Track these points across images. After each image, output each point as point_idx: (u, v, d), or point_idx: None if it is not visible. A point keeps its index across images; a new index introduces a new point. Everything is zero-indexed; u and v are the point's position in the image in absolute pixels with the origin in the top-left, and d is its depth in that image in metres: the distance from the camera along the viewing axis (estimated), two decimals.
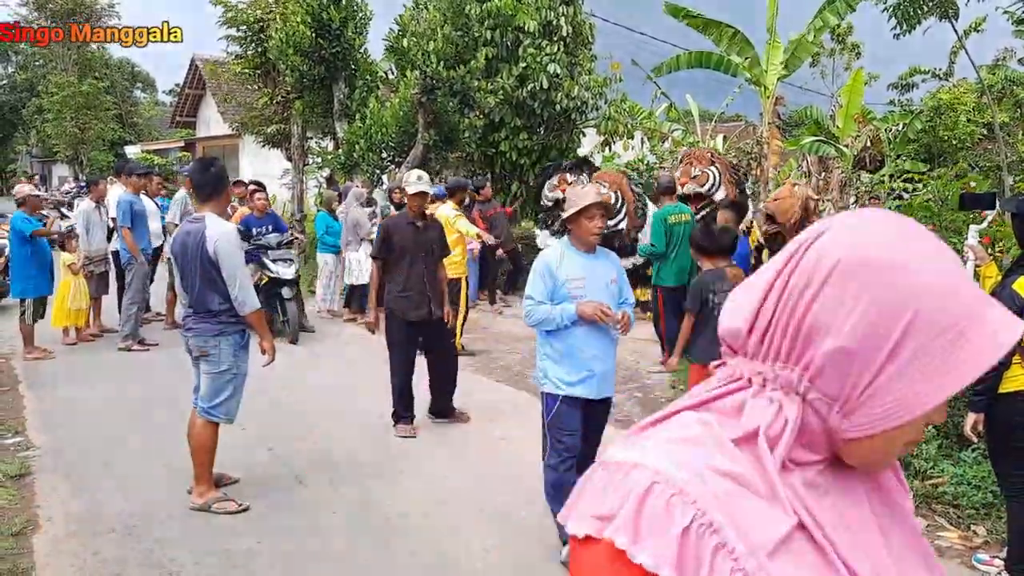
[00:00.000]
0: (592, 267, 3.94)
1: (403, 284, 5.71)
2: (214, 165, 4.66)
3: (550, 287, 3.90)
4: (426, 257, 5.79)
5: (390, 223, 5.99)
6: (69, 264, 8.76)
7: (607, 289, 3.92)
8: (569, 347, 3.87)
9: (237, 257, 4.37)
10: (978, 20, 13.48)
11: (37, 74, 38.00)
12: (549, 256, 3.98)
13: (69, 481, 4.97)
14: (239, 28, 16.75)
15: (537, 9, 12.06)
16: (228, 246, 4.33)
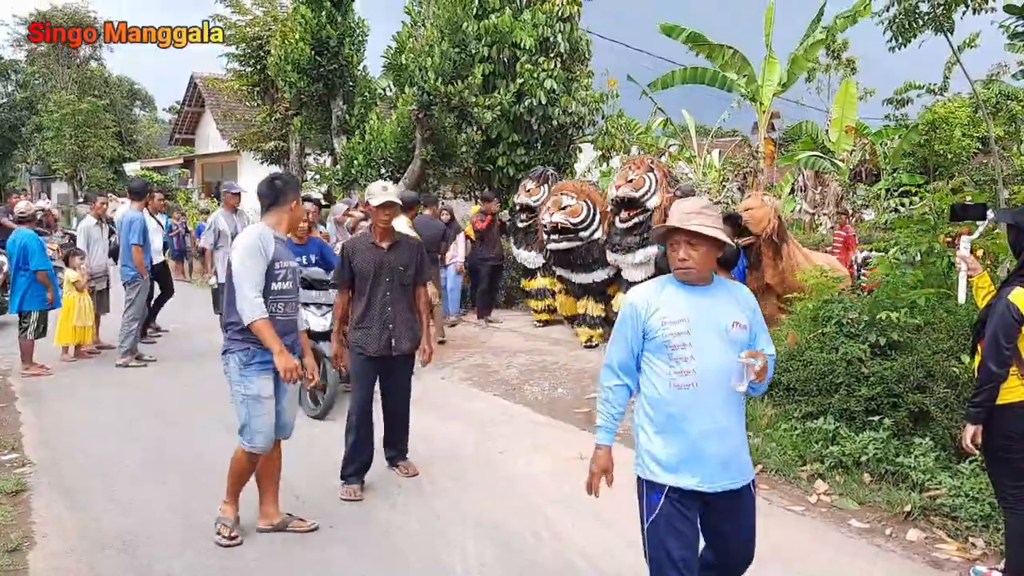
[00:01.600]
0: (702, 305, 2.86)
1: (362, 313, 4.99)
2: (279, 178, 4.35)
3: (633, 340, 2.91)
4: (391, 283, 5.01)
5: (349, 243, 5.18)
6: (74, 281, 8.82)
7: (725, 336, 2.83)
8: (669, 415, 2.84)
9: (243, 261, 4.03)
10: (972, 36, 13.58)
11: (37, 92, 38.12)
12: (639, 294, 2.98)
13: (66, 497, 4.96)
14: (238, 46, 16.90)
15: (534, 26, 12.15)
16: (237, 250, 4.09)
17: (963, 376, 5.06)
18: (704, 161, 17.37)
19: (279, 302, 4.17)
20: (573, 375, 8.10)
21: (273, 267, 4.11)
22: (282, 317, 4.18)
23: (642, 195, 8.53)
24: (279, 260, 4.15)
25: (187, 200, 24.21)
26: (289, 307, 4.26)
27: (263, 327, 3.99)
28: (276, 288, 4.14)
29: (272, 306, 4.10)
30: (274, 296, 4.13)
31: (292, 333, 4.30)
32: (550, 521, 4.59)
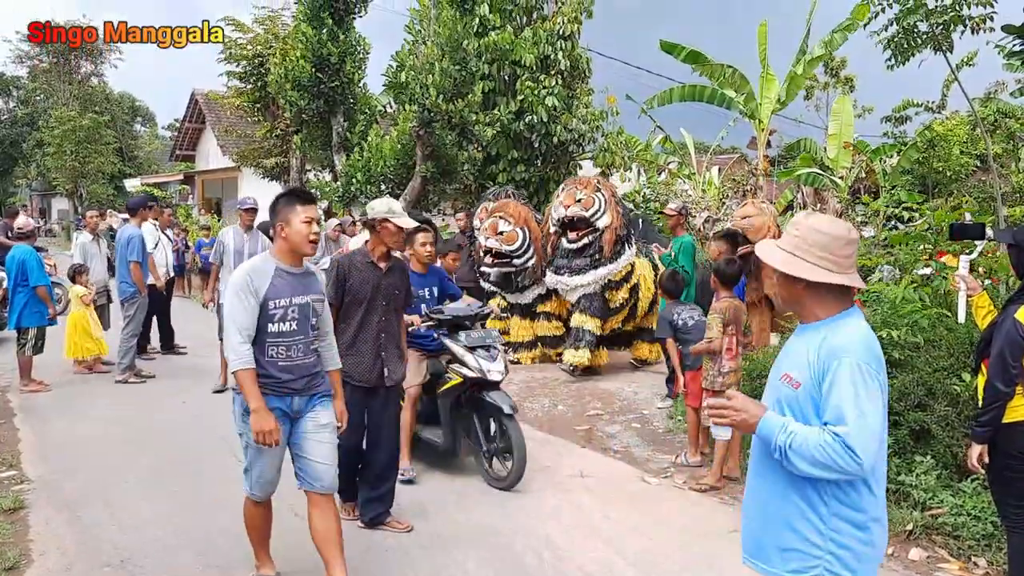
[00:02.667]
0: (786, 348, 2.46)
1: (352, 339, 4.55)
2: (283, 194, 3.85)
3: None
4: (387, 307, 4.65)
5: (345, 261, 4.69)
6: (81, 296, 8.95)
7: (773, 387, 2.41)
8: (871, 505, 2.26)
9: (230, 301, 3.60)
10: (970, 54, 13.66)
11: (38, 108, 38.29)
12: None
13: (64, 514, 4.93)
14: (238, 63, 16.99)
15: (535, 44, 12.21)
16: (228, 287, 3.66)
17: (964, 394, 5.05)
18: (704, 178, 17.44)
19: (279, 345, 3.64)
20: (573, 392, 8.08)
21: (267, 307, 3.58)
22: (285, 362, 3.65)
23: (592, 215, 8.34)
24: (277, 298, 3.60)
25: (187, 216, 24.25)
26: (295, 350, 3.67)
27: (243, 378, 3.50)
28: (273, 330, 3.61)
29: (270, 350, 3.62)
30: (272, 339, 3.62)
31: (304, 377, 3.72)
32: (551, 540, 4.56)
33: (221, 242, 8.19)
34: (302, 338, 3.71)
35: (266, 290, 3.59)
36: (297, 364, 3.70)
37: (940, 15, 7.35)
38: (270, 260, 3.71)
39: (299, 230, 3.64)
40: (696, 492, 5.39)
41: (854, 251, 2.29)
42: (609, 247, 8.38)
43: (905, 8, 7.35)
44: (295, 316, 3.67)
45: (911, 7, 7.40)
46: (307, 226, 3.65)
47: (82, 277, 9.03)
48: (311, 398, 3.77)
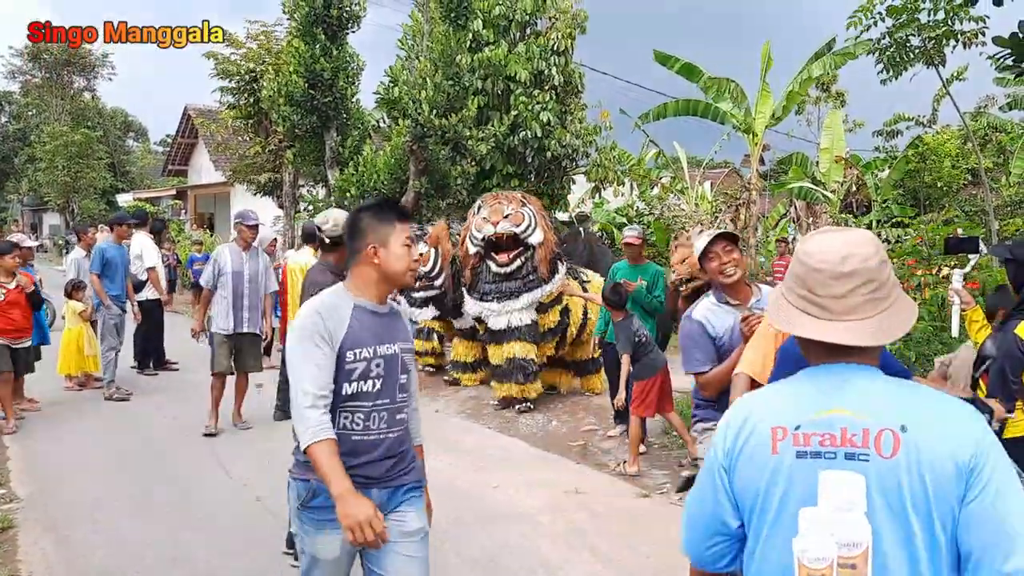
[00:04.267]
0: None
1: None
2: (365, 209, 2.78)
3: None
4: None
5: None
6: (80, 312, 8.88)
7: None
8: None
9: (293, 350, 2.58)
10: (960, 69, 13.77)
11: (30, 123, 38.24)
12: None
13: (53, 533, 4.87)
14: (231, 79, 16.99)
15: (528, 59, 12.24)
16: (291, 331, 2.64)
17: None
18: (696, 192, 17.49)
19: (356, 412, 2.58)
20: (568, 408, 8.05)
21: (343, 359, 2.55)
22: (362, 435, 2.59)
23: (523, 231, 7.62)
24: (356, 347, 2.57)
25: (180, 231, 24.19)
26: (378, 419, 2.61)
27: (320, 455, 2.41)
28: (349, 391, 2.56)
29: (343, 418, 2.57)
30: (346, 404, 2.57)
31: (389, 459, 2.65)
32: (545, 557, 4.52)
33: (216, 263, 7.15)
34: (387, 403, 2.64)
35: (343, 336, 2.55)
36: (379, 440, 2.62)
37: (933, 29, 7.39)
38: (345, 295, 2.65)
39: (399, 255, 2.63)
40: None
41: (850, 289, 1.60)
42: (544, 266, 7.73)
43: (898, 22, 7.39)
44: (379, 372, 2.61)
45: (904, 21, 7.44)
46: (407, 250, 2.66)
47: (79, 293, 8.96)
48: (396, 491, 2.68)
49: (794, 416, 1.57)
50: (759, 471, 1.57)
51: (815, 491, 1.51)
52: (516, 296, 7.69)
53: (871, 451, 1.48)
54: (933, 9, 7.36)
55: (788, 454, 1.55)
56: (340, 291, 2.68)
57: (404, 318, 2.86)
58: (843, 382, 1.57)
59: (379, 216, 2.68)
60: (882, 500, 1.47)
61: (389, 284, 2.70)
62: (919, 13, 7.43)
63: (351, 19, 13.61)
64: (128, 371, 9.64)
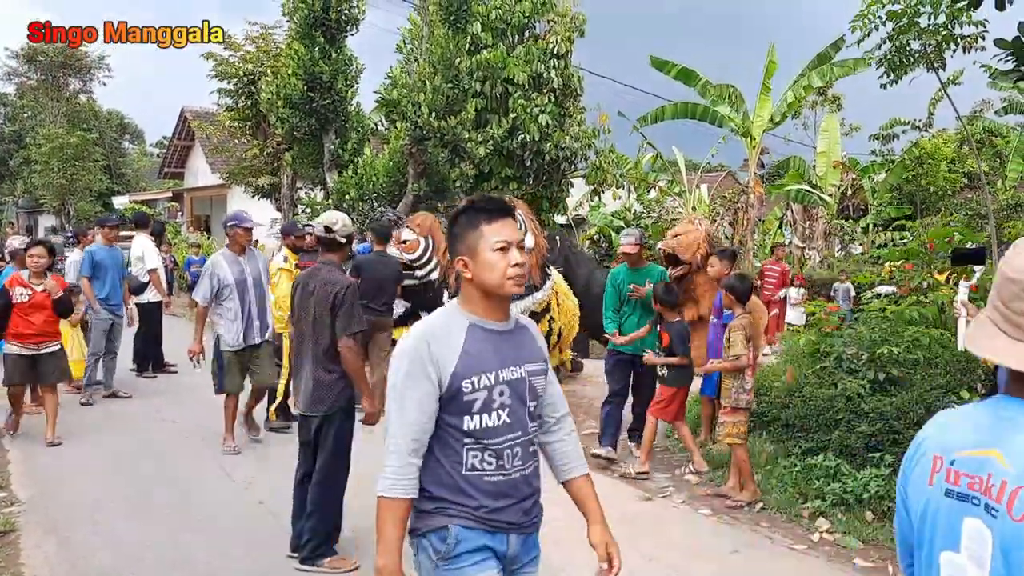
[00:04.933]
0: None
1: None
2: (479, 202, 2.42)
3: None
4: None
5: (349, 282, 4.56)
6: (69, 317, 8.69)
7: None
8: None
9: (393, 386, 2.24)
10: (956, 73, 13.83)
11: (26, 126, 38.11)
12: None
13: (55, 536, 4.85)
14: (229, 81, 16.96)
15: (527, 62, 12.27)
16: (393, 359, 2.34)
17: None
18: (693, 196, 17.52)
19: (486, 451, 2.20)
20: (574, 409, 8.03)
21: (459, 390, 2.17)
22: (496, 476, 2.22)
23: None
24: (474, 374, 2.18)
25: (176, 233, 24.13)
26: (511, 457, 2.23)
27: (385, 510, 2.14)
28: (472, 427, 2.18)
29: (471, 458, 2.20)
30: (472, 442, 2.19)
31: (525, 499, 2.30)
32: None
33: (214, 275, 6.47)
34: (519, 436, 2.26)
35: (456, 363, 2.17)
36: (514, 479, 2.25)
37: (933, 34, 7.41)
38: (459, 313, 2.29)
39: (490, 263, 2.21)
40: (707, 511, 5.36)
41: None
42: (536, 272, 7.57)
43: (899, 27, 7.41)
44: (506, 402, 2.23)
45: (904, 26, 7.45)
46: (501, 255, 2.21)
47: (74, 296, 8.84)
48: (528, 538, 2.37)
49: (954, 446, 1.42)
50: (918, 500, 1.47)
51: (958, 535, 1.37)
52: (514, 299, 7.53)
53: (1002, 508, 1.30)
54: (933, 13, 7.38)
55: (939, 489, 1.41)
56: (453, 309, 2.31)
57: (535, 331, 2.46)
58: (1010, 420, 1.36)
59: (465, 221, 2.29)
60: (1001, 563, 1.30)
61: (492, 299, 2.28)
62: (919, 17, 7.46)
63: (350, 22, 13.62)
64: (127, 373, 9.61)
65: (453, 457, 2.20)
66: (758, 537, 4.90)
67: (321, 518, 4.31)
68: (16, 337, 6.68)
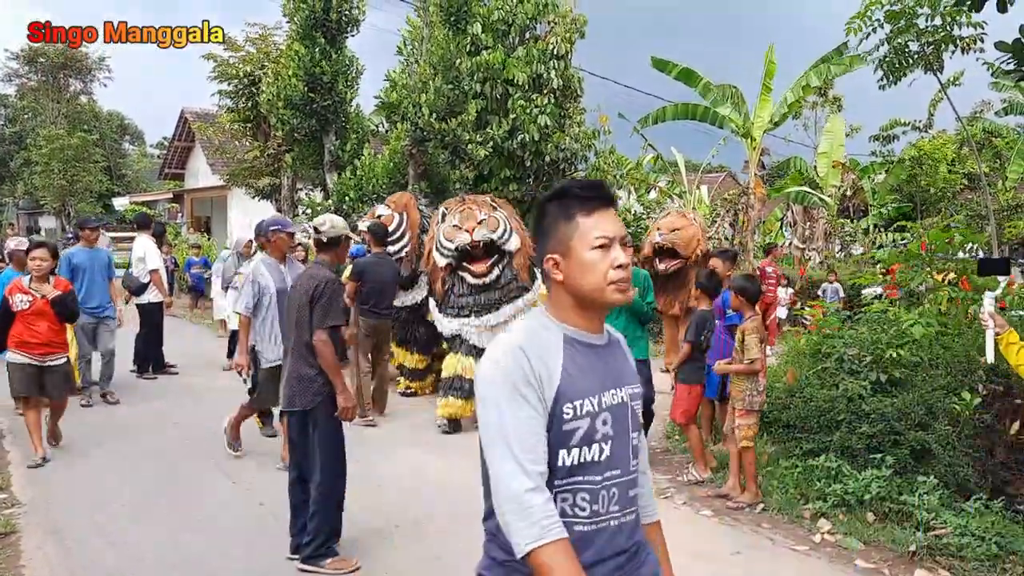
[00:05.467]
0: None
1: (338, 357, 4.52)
2: (565, 190, 2.07)
3: None
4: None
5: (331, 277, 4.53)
6: None
7: None
8: None
9: (488, 408, 1.80)
10: (956, 74, 13.84)
11: (26, 127, 38.13)
12: None
13: (55, 537, 4.84)
14: (230, 82, 16.97)
15: (527, 63, 12.26)
16: (481, 381, 1.84)
17: (964, 413, 5.06)
18: (694, 196, 17.52)
19: (580, 491, 1.80)
20: None
21: (560, 416, 1.76)
22: (587, 523, 1.81)
23: (501, 237, 7.14)
24: (576, 397, 1.78)
25: (176, 235, 24.13)
26: (603, 499, 1.82)
27: (553, 561, 1.66)
28: (568, 462, 1.78)
29: (559, 502, 1.77)
30: (563, 480, 1.78)
31: (624, 552, 1.88)
32: None
33: (256, 282, 5.97)
34: (618, 475, 1.85)
35: (557, 382, 1.77)
36: (608, 529, 1.84)
37: (931, 35, 7.43)
38: (551, 323, 1.87)
39: (588, 264, 1.81)
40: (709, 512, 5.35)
41: None
42: (524, 272, 7.36)
43: (897, 28, 7.42)
44: (609, 432, 1.82)
45: (902, 27, 7.47)
46: (602, 254, 1.81)
47: None
48: None
49: None
50: None
51: None
52: (497, 308, 7.24)
53: None
54: (931, 15, 7.40)
55: None
56: (542, 316, 1.89)
57: (625, 347, 2.04)
58: None
59: (556, 211, 1.88)
60: None
61: (589, 308, 1.86)
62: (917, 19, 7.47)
63: (350, 23, 13.62)
64: (127, 374, 9.61)
65: None
66: (759, 538, 4.90)
67: (323, 519, 4.30)
68: (21, 346, 6.32)
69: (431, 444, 6.95)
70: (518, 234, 7.34)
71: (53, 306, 6.33)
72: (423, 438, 7.14)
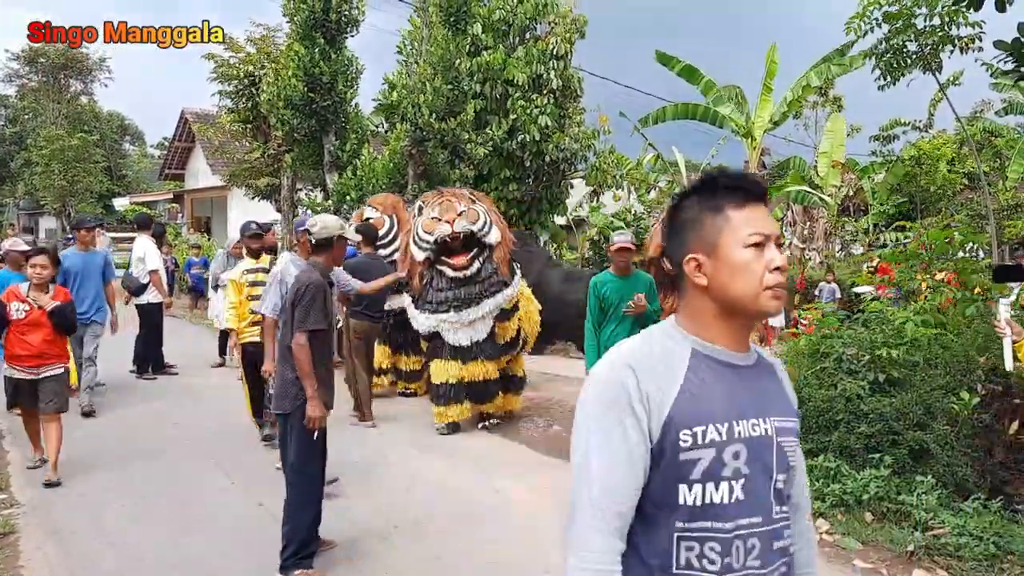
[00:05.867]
0: None
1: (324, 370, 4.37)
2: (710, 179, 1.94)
3: None
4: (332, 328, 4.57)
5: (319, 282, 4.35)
6: None
7: None
8: None
9: (585, 419, 1.62)
10: (956, 74, 13.85)
11: (27, 127, 38.14)
12: None
13: (55, 538, 4.85)
14: (230, 82, 16.98)
15: (527, 63, 12.28)
16: (583, 406, 1.66)
17: (962, 413, 5.06)
18: None
19: (710, 540, 1.51)
20: (568, 412, 8.05)
21: (675, 443, 1.50)
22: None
23: (481, 230, 6.99)
24: (698, 423, 1.51)
25: (176, 235, 24.16)
26: (737, 552, 1.52)
27: None
28: (689, 501, 1.51)
29: (683, 551, 1.52)
30: (684, 523, 1.52)
31: None
32: (550, 563, 4.51)
33: (284, 283, 5.43)
34: (758, 523, 1.54)
35: (672, 404, 1.51)
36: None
37: (929, 35, 7.43)
38: (678, 334, 1.62)
39: (740, 265, 1.56)
40: None
41: None
42: (505, 266, 7.15)
43: (895, 28, 7.43)
44: (742, 469, 1.52)
45: (900, 27, 7.47)
46: (756, 254, 1.55)
47: None
48: None
49: None
50: None
51: None
52: (477, 303, 6.97)
53: None
54: (929, 15, 7.41)
55: None
56: (669, 329, 1.63)
57: (782, 372, 1.73)
58: None
59: (702, 203, 1.62)
60: None
61: (736, 317, 1.59)
62: (915, 19, 7.48)
63: (350, 23, 13.63)
64: (127, 376, 9.62)
65: (657, 548, 1.53)
66: None
67: (293, 527, 4.22)
68: (12, 359, 5.90)
69: (430, 445, 6.96)
70: (498, 227, 7.17)
71: (51, 317, 5.93)
72: (422, 439, 7.15)
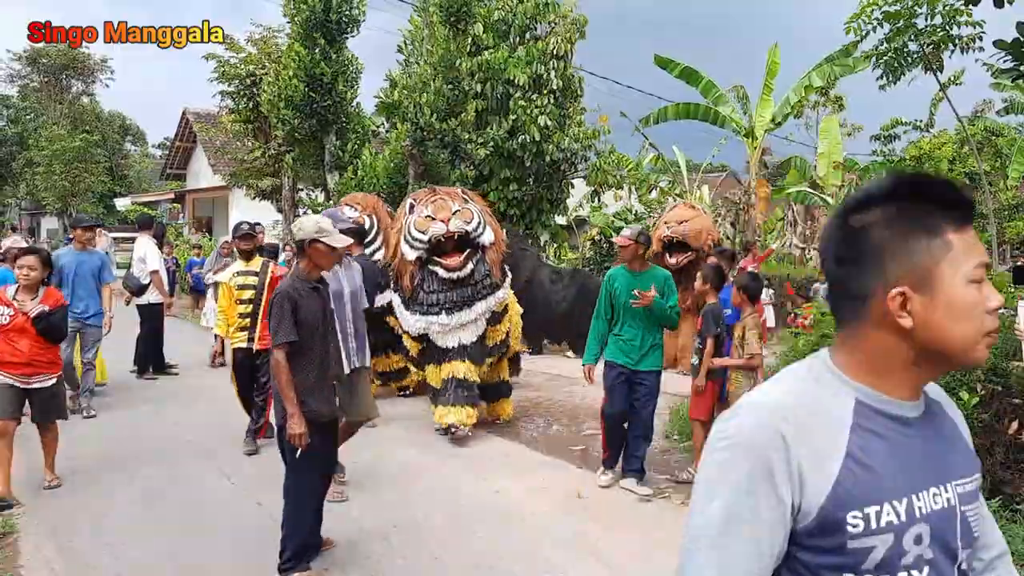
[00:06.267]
0: None
1: (317, 376, 4.24)
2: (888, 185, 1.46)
3: None
4: (330, 332, 4.48)
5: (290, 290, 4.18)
6: None
7: None
8: None
9: (706, 489, 1.24)
10: (957, 73, 13.84)
11: (28, 128, 38.18)
12: None
13: (54, 539, 4.85)
14: (231, 83, 17.00)
15: (528, 63, 12.28)
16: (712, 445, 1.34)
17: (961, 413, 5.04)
18: (695, 196, 17.51)
19: None
20: (568, 412, 8.05)
21: (840, 524, 1.14)
22: None
23: (475, 230, 6.81)
24: (872, 502, 1.14)
25: (178, 235, 24.17)
26: None
27: None
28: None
29: None
30: None
31: None
32: (551, 563, 4.52)
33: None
34: None
35: (835, 478, 1.15)
36: None
37: (930, 35, 7.43)
38: (837, 382, 1.24)
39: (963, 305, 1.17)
40: None
41: None
42: (497, 269, 7.01)
43: (896, 28, 7.42)
44: (925, 554, 1.18)
45: (901, 27, 7.47)
46: (978, 291, 1.18)
47: None
48: None
49: None
50: None
51: None
52: (469, 305, 6.79)
53: None
54: (930, 14, 7.40)
55: None
56: (822, 370, 1.26)
57: (953, 411, 1.39)
58: None
59: (906, 220, 1.20)
60: None
61: (939, 366, 1.24)
62: (916, 19, 7.48)
63: (350, 23, 13.66)
64: (127, 376, 9.63)
65: None
66: None
67: (290, 531, 4.21)
68: (3, 366, 5.52)
69: (429, 445, 6.95)
70: (491, 227, 7.04)
71: (34, 324, 5.51)
72: (421, 439, 7.15)
